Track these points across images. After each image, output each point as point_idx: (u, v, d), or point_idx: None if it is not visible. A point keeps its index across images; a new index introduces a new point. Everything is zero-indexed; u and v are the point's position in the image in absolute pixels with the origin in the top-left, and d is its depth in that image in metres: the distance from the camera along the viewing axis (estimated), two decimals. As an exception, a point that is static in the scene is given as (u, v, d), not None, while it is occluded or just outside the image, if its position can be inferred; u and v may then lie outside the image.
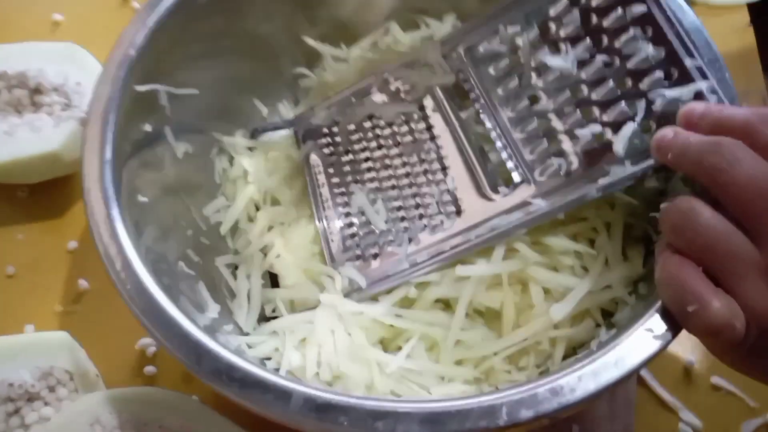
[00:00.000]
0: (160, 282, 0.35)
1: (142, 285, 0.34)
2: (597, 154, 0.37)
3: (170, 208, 0.42)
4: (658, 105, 0.36)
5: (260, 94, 0.49)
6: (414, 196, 0.42)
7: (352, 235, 0.43)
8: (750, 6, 0.58)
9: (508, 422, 0.30)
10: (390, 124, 0.45)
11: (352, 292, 0.41)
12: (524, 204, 0.38)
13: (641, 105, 0.36)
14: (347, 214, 0.43)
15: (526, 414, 0.30)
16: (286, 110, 0.50)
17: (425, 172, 0.42)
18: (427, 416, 0.30)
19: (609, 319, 0.38)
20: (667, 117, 0.34)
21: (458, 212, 0.40)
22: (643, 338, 0.31)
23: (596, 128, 0.37)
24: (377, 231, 0.42)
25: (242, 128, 0.48)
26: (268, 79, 0.49)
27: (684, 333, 0.31)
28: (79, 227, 0.50)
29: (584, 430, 0.43)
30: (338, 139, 0.46)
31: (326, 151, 0.46)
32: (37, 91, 0.50)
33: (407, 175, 0.43)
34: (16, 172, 0.49)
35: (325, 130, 0.46)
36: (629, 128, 0.36)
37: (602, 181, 0.36)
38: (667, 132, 0.33)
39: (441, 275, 0.40)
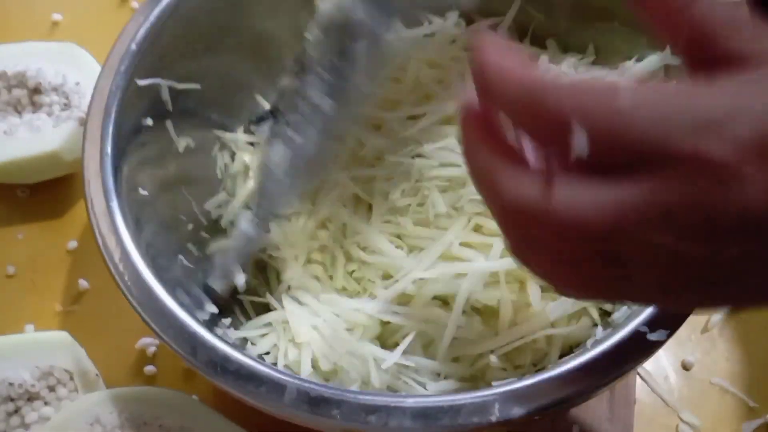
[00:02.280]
0: (158, 274, 0.35)
1: (140, 277, 0.34)
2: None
3: (171, 201, 0.42)
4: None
5: (262, 89, 0.49)
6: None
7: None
8: None
9: (500, 418, 0.30)
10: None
11: None
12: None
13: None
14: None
15: (518, 410, 0.30)
16: (289, 106, 0.50)
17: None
18: (420, 411, 0.30)
19: (606, 318, 0.38)
20: None
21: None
22: (638, 337, 0.31)
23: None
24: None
25: (244, 123, 0.48)
26: (270, 74, 0.49)
27: (684, 332, 0.31)
28: (79, 227, 0.50)
29: (584, 430, 0.43)
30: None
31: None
32: (36, 91, 0.50)
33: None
34: (15, 172, 0.49)
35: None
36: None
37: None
38: None
39: (439, 272, 0.39)
